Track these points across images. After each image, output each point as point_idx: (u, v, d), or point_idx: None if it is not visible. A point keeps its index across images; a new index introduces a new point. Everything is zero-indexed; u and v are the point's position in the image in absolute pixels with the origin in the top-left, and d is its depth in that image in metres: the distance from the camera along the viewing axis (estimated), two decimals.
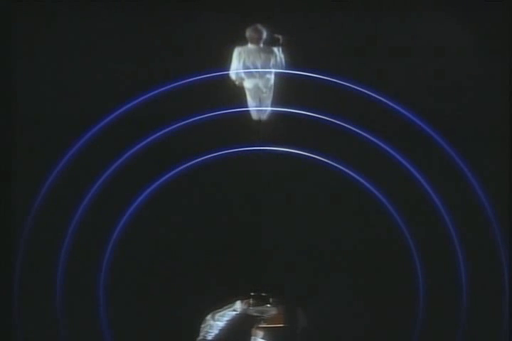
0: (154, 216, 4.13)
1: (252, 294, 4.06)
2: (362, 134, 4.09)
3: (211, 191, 4.17)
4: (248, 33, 4.18)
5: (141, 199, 4.10)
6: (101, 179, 4.07)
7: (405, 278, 4.07)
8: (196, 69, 4.10)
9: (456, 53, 4.14)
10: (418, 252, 4.06)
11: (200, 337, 4.02)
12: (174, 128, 4.10)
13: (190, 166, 4.11)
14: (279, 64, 4.21)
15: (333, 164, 4.09)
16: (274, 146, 4.13)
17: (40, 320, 4.05)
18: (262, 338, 4.02)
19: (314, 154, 4.10)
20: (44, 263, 4.05)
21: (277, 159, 4.12)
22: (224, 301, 4.06)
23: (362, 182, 4.10)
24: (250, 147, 4.12)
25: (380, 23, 4.12)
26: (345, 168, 4.10)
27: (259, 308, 4.05)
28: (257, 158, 4.13)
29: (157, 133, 4.10)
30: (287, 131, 4.15)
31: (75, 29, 4.12)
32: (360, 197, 4.13)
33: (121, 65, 4.13)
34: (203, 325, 4.02)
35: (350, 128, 4.09)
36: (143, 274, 4.10)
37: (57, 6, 4.09)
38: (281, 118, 4.17)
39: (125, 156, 4.08)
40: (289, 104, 4.14)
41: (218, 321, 4.02)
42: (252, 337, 4.02)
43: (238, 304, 4.05)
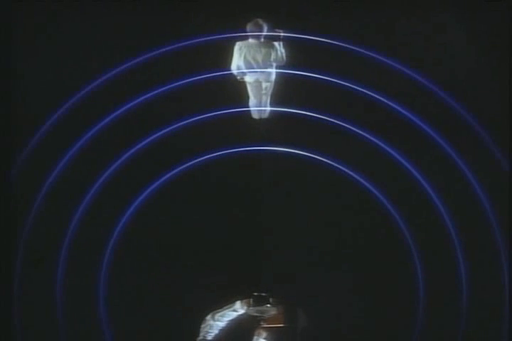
0: (154, 216, 4.13)
1: (252, 294, 4.06)
2: (362, 134, 4.10)
3: (211, 191, 4.17)
4: (249, 27, 4.18)
5: (141, 198, 4.10)
6: (101, 179, 4.07)
7: (405, 278, 4.07)
8: (196, 69, 4.11)
9: (456, 53, 4.15)
10: (418, 252, 4.06)
11: (200, 337, 4.02)
12: (175, 128, 4.10)
13: (190, 166, 4.11)
14: (279, 58, 4.20)
15: (334, 164, 4.09)
16: (274, 146, 4.14)
17: (40, 320, 4.04)
18: (264, 338, 4.02)
19: (315, 154, 4.10)
20: (44, 263, 4.04)
21: (278, 159, 4.12)
22: (224, 301, 4.06)
23: (362, 182, 4.11)
24: (251, 147, 4.13)
25: (380, 22, 4.13)
26: (346, 167, 4.10)
27: (259, 308, 4.04)
28: (258, 158, 4.14)
29: (158, 133, 4.11)
30: (288, 130, 4.16)
31: (75, 29, 4.13)
32: (360, 197, 4.13)
33: (121, 64, 4.14)
34: (203, 325, 4.02)
35: (350, 128, 4.09)
36: (143, 274, 4.10)
37: (57, 6, 4.10)
38: (282, 117, 4.18)
39: (125, 156, 4.08)
40: (289, 104, 4.15)
41: (218, 321, 4.01)
42: (253, 337, 4.01)
43: (238, 304, 4.05)
